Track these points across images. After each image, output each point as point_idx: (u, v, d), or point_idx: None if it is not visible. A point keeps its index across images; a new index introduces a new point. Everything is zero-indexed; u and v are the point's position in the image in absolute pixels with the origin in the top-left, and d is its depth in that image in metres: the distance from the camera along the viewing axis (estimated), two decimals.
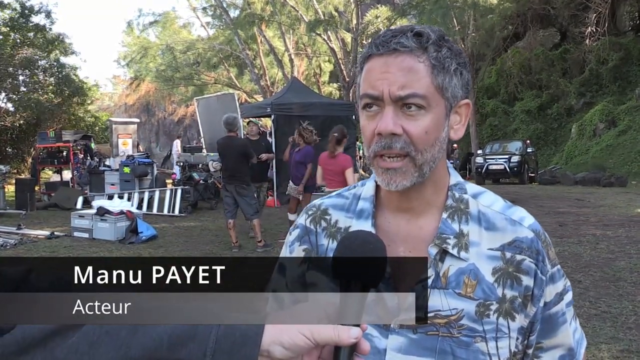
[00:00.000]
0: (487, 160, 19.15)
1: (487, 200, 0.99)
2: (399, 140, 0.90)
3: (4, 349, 0.62)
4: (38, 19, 21.03)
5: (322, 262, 1.03)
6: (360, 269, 0.72)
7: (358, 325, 0.68)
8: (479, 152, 20.40)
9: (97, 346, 0.62)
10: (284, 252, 1.12)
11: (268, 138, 11.88)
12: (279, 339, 0.65)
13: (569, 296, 1.01)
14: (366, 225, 0.99)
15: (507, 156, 18.89)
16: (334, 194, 1.11)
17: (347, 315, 0.69)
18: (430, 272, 0.93)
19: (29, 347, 0.62)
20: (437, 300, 0.93)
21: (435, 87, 0.90)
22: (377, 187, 1.03)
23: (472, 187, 1.02)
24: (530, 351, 0.99)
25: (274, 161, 9.89)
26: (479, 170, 19.04)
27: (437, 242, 0.94)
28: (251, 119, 9.14)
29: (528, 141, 20.59)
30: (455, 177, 1.01)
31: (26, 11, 20.40)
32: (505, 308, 0.93)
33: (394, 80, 0.89)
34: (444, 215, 0.96)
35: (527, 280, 0.94)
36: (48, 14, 21.28)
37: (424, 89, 0.89)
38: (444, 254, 0.94)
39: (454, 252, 0.93)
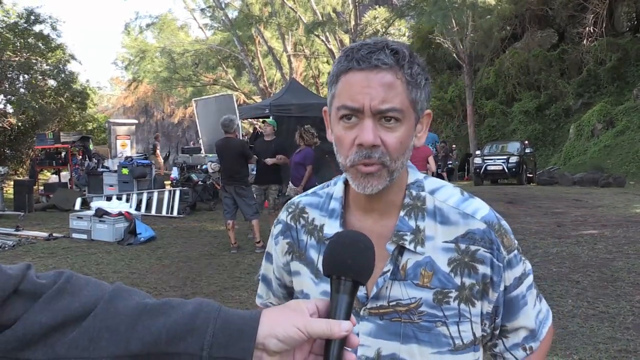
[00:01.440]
0: (486, 161, 19.15)
1: (443, 195, 1.07)
2: (377, 151, 0.97)
3: (5, 344, 0.62)
4: (42, 27, 21.06)
5: (303, 255, 1.14)
6: (351, 267, 0.75)
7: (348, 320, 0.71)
8: (478, 152, 20.42)
9: (98, 341, 0.64)
10: (270, 243, 1.24)
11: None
12: (273, 331, 0.67)
13: (529, 279, 1.09)
14: (336, 225, 1.08)
15: (505, 157, 18.90)
16: (310, 191, 1.20)
17: (338, 311, 0.71)
18: (390, 266, 1.02)
19: (30, 343, 0.63)
20: (398, 291, 1.03)
21: (410, 101, 0.98)
22: (346, 188, 1.12)
23: (430, 183, 1.09)
24: (497, 332, 1.09)
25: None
26: (478, 170, 19.06)
27: (394, 240, 1.03)
28: (266, 119, 9.00)
29: (526, 142, 20.61)
30: (413, 175, 1.08)
31: (32, 17, 20.40)
32: (465, 295, 1.02)
33: (376, 95, 0.95)
34: (402, 214, 1.04)
35: (483, 269, 1.02)
36: (54, 27, 21.31)
37: (401, 104, 0.97)
38: (402, 249, 1.03)
39: (411, 247, 1.02)
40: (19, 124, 20.88)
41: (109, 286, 0.70)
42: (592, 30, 23.36)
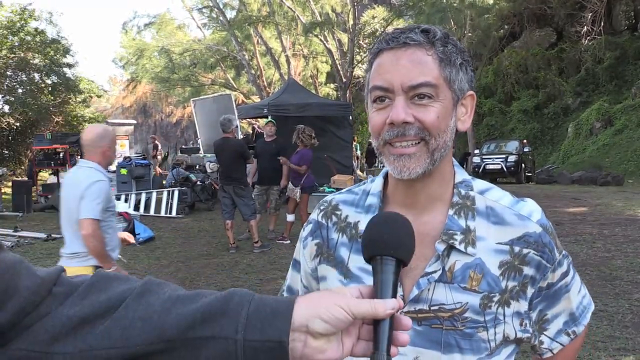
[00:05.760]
0: (484, 160, 19.18)
1: (495, 196, 1.02)
2: (412, 127, 0.92)
3: (34, 339, 0.62)
4: (37, 23, 21.01)
5: (332, 255, 1.07)
6: (390, 243, 0.71)
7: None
8: (476, 151, 20.43)
9: (131, 330, 0.63)
10: (298, 248, 1.16)
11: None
12: (317, 312, 0.64)
13: (572, 272, 1.05)
14: None
15: (504, 156, 18.93)
16: (344, 190, 1.15)
17: (383, 292, 0.68)
18: (437, 267, 0.96)
19: (58, 337, 0.62)
20: (442, 294, 0.96)
21: (444, 78, 0.94)
22: (385, 183, 1.06)
23: (479, 183, 1.05)
24: (536, 326, 1.02)
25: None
26: (476, 169, 19.06)
27: (444, 238, 0.96)
28: (269, 119, 8.91)
29: (525, 141, 20.62)
30: (461, 174, 1.03)
31: (26, 15, 20.35)
32: (505, 298, 0.96)
33: (406, 71, 0.92)
34: (450, 212, 0.98)
35: (527, 270, 0.97)
36: (50, 20, 21.31)
37: (434, 79, 0.93)
38: (450, 249, 0.96)
39: (461, 247, 0.96)
40: (17, 124, 20.82)
41: (138, 280, 0.69)
42: (590, 29, 23.37)
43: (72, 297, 0.65)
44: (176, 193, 11.64)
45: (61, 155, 15.19)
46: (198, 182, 12.27)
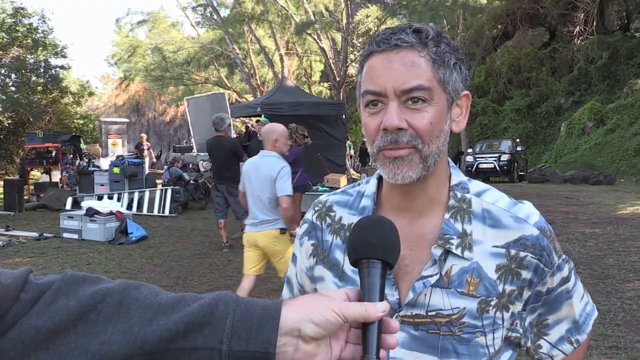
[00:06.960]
0: (477, 159, 19.23)
1: (492, 198, 1.00)
2: (405, 134, 0.90)
3: (2, 353, 0.59)
4: (31, 20, 20.88)
5: (327, 257, 1.06)
6: (377, 246, 0.71)
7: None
8: (469, 150, 20.50)
9: (110, 344, 0.60)
10: (296, 244, 1.16)
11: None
12: (309, 315, 0.63)
13: (574, 278, 1.03)
14: None
15: (496, 155, 18.99)
16: (339, 190, 1.13)
17: (370, 296, 0.68)
18: (433, 271, 0.94)
19: (29, 350, 0.58)
20: (439, 300, 0.94)
21: (437, 80, 0.91)
22: (379, 185, 1.04)
23: (475, 185, 1.02)
24: (533, 330, 1.00)
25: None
26: (469, 169, 19.12)
27: (440, 243, 0.94)
28: (260, 118, 8.92)
29: (517, 140, 20.71)
30: (457, 176, 1.01)
31: (18, 13, 20.21)
32: (503, 302, 0.95)
33: (398, 75, 0.89)
34: (447, 216, 0.96)
35: (525, 274, 0.95)
36: (43, 18, 21.15)
37: (427, 82, 0.90)
38: (447, 253, 0.95)
39: (458, 252, 0.94)
40: (9, 121, 20.67)
41: (110, 281, 0.66)
42: (582, 29, 23.48)
43: (38, 305, 0.60)
44: (169, 192, 11.59)
45: (53, 153, 15.10)
46: (191, 181, 12.24)
